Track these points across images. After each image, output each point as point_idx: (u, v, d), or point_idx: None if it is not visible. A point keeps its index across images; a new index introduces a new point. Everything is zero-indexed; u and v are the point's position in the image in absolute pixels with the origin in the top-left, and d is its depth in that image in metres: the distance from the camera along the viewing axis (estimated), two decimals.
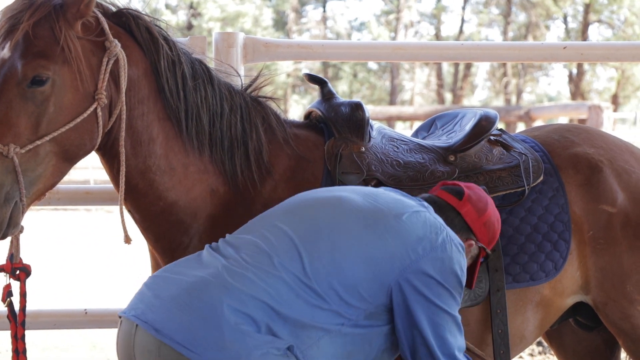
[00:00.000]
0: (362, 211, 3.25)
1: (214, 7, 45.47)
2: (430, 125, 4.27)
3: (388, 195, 3.40)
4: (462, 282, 3.30)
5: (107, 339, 10.06)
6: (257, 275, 3.05)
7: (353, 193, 3.36)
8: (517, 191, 3.91)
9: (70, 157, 3.44)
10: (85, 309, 4.91)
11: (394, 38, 47.35)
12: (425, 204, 3.44)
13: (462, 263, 3.31)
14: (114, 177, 3.60)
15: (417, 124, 24.97)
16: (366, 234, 3.19)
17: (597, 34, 49.92)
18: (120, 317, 3.19)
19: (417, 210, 3.31)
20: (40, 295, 5.24)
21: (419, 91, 51.55)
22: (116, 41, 3.49)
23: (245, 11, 46.23)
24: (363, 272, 3.14)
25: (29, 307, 3.70)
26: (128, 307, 3.16)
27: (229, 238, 3.31)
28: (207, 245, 3.30)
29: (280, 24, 49.75)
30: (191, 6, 46.45)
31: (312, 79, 4.16)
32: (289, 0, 49.93)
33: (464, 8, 50.91)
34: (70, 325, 5.04)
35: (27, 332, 3.66)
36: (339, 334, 3.14)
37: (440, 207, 3.51)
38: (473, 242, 3.53)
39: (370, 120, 3.90)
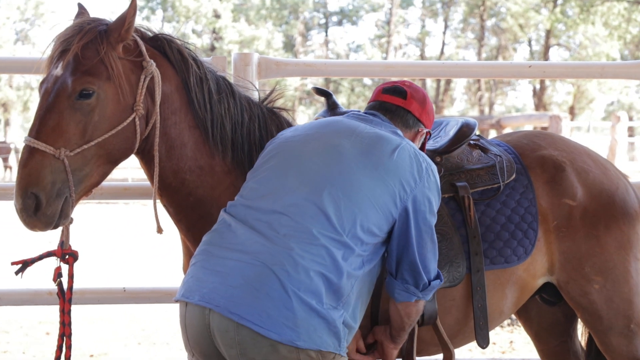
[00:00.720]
0: (361, 160, 3.24)
1: (233, 32, 45.62)
2: None
3: (369, 133, 3.35)
4: (440, 192, 3.40)
5: (143, 313, 10.08)
6: (304, 249, 3.05)
7: (343, 139, 3.32)
8: (493, 187, 3.91)
9: (112, 160, 3.44)
10: (124, 287, 4.90)
11: (385, 58, 47.35)
12: (399, 132, 3.44)
13: (438, 177, 3.38)
14: (151, 176, 3.60)
15: None
16: (370, 181, 3.18)
17: (557, 55, 49.92)
18: (178, 301, 3.19)
19: (400, 145, 3.30)
20: (86, 275, 5.24)
21: None
22: (152, 61, 3.49)
23: (260, 35, 46.35)
24: (374, 214, 3.16)
25: (76, 285, 3.71)
26: (187, 292, 3.14)
27: (253, 208, 3.24)
28: (228, 215, 3.27)
29: (289, 45, 49.74)
30: (214, 31, 46.52)
31: (319, 91, 4.15)
32: (296, 26, 49.94)
33: (444, 33, 51.03)
34: (111, 301, 5.03)
35: (73, 307, 3.66)
36: (362, 276, 3.18)
37: (392, 111, 3.55)
38: (422, 131, 3.59)
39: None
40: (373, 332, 3.54)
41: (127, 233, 18.48)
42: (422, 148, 3.67)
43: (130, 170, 29.76)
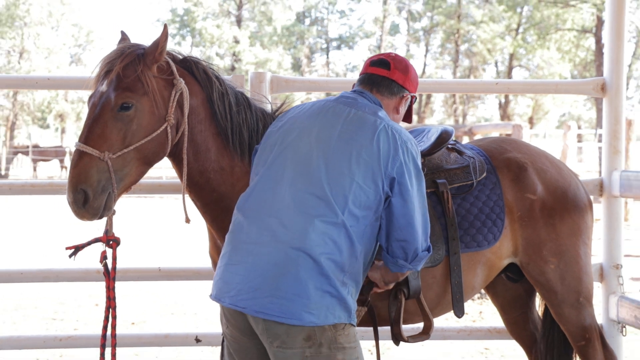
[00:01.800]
0: (347, 147, 3.13)
1: (250, 55, 45.64)
2: None
3: (354, 120, 3.23)
4: (419, 158, 3.25)
5: (175, 288, 10.09)
6: (310, 238, 3.00)
7: (332, 129, 3.22)
8: (468, 184, 3.89)
9: (148, 162, 3.43)
10: (159, 267, 4.89)
11: None
12: (381, 112, 3.30)
13: (415, 148, 3.25)
14: (181, 175, 3.58)
15: None
16: (357, 166, 3.09)
17: (519, 74, 49.89)
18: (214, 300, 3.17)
19: (379, 128, 3.18)
20: (127, 257, 5.23)
21: None
22: (181, 79, 3.49)
23: (272, 57, 46.38)
24: (364, 194, 3.07)
25: (118, 265, 3.71)
26: (219, 294, 3.11)
27: (260, 205, 3.16)
28: (241, 215, 3.20)
29: (296, 66, 49.74)
30: (234, 54, 46.46)
31: None
32: (303, 50, 49.94)
33: (425, 55, 50.96)
34: (148, 278, 5.01)
35: (117, 283, 3.66)
36: (361, 250, 3.12)
37: (378, 82, 3.44)
38: (407, 95, 3.48)
39: None
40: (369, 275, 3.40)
41: (161, 222, 18.49)
42: (409, 110, 3.59)
43: (164, 170, 29.78)
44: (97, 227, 3.85)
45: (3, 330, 8.12)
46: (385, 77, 3.45)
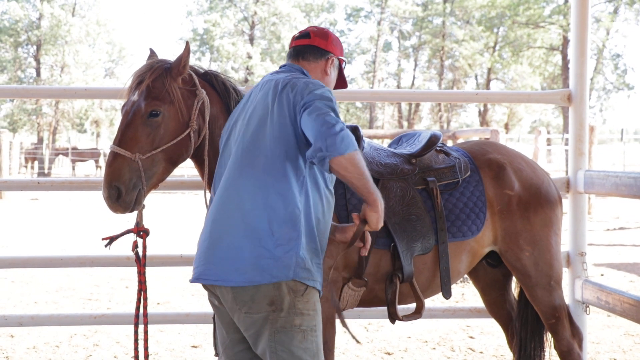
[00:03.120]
0: (277, 109, 3.00)
1: (261, 69, 45.64)
2: (398, 140, 4.22)
3: (277, 84, 3.10)
4: (324, 86, 3.04)
5: None
6: (249, 204, 2.94)
7: (253, 104, 3.15)
8: (454, 181, 3.88)
9: (173, 162, 3.42)
10: (181, 254, 4.87)
11: (371, 87, 47.30)
12: (304, 71, 3.28)
13: (315, 83, 3.04)
14: (202, 174, 3.57)
15: (387, 141, 24.83)
16: (281, 118, 2.99)
17: (496, 86, 49.90)
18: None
19: (289, 82, 3.05)
20: (153, 245, 5.22)
21: (387, 120, 51.50)
22: (203, 90, 3.48)
23: None
24: (294, 140, 2.96)
25: (147, 253, 3.69)
26: (195, 272, 3.11)
27: (217, 184, 3.16)
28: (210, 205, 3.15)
29: None
30: (247, 68, 46.50)
31: None
32: None
33: (414, 69, 50.98)
34: (172, 264, 4.99)
35: (146, 269, 3.64)
36: (305, 204, 3.00)
37: (302, 51, 3.39)
38: (331, 57, 3.41)
39: (363, 137, 3.84)
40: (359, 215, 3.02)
41: (183, 215, 18.47)
42: (341, 75, 3.52)
43: (185, 169, 29.77)
44: (127, 220, 3.84)
45: (45, 309, 8.11)
46: (307, 44, 3.41)
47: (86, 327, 6.89)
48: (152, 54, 3.65)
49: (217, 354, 3.29)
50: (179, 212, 19.45)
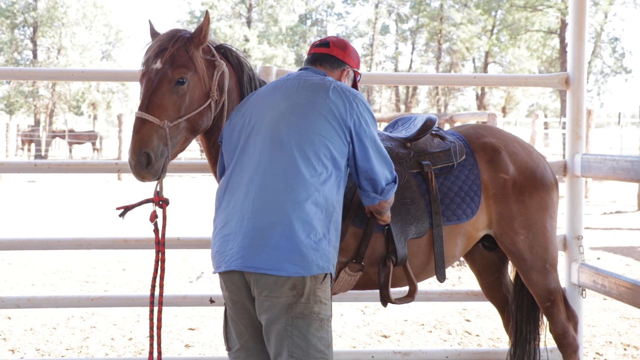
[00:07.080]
0: (308, 109, 3.15)
1: (258, 52, 45.61)
2: (394, 124, 4.21)
3: (303, 85, 3.24)
4: (370, 108, 3.26)
5: (194, 256, 10.08)
6: (290, 199, 3.04)
7: (292, 98, 3.21)
8: (449, 165, 3.87)
9: (195, 131, 3.39)
10: (178, 237, 4.86)
11: (369, 70, 47.20)
12: (328, 77, 3.34)
13: (365, 101, 3.24)
14: (208, 148, 3.57)
15: (384, 124, 24.77)
16: (319, 122, 3.12)
17: (493, 69, 49.82)
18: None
19: (329, 86, 3.21)
20: (149, 228, 5.21)
21: (384, 103, 51.45)
22: (222, 61, 3.49)
23: (277, 54, 46.35)
24: (330, 145, 3.11)
25: (143, 235, 3.65)
26: (218, 263, 3.16)
27: (241, 174, 3.18)
28: (230, 196, 3.18)
29: (299, 61, 49.54)
30: (244, 51, 46.15)
31: None
32: (305, 47, 49.75)
33: (412, 53, 50.88)
34: (168, 247, 4.94)
35: (139, 251, 3.62)
36: (337, 201, 3.18)
37: (320, 59, 3.46)
38: (347, 69, 3.48)
39: None
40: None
41: (180, 198, 18.46)
42: (354, 85, 3.57)
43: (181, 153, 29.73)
44: (124, 201, 3.81)
45: (43, 291, 8.13)
46: (326, 53, 3.46)
47: (83, 309, 6.91)
48: (152, 26, 3.60)
49: (228, 349, 3.27)
50: (176, 195, 19.43)
